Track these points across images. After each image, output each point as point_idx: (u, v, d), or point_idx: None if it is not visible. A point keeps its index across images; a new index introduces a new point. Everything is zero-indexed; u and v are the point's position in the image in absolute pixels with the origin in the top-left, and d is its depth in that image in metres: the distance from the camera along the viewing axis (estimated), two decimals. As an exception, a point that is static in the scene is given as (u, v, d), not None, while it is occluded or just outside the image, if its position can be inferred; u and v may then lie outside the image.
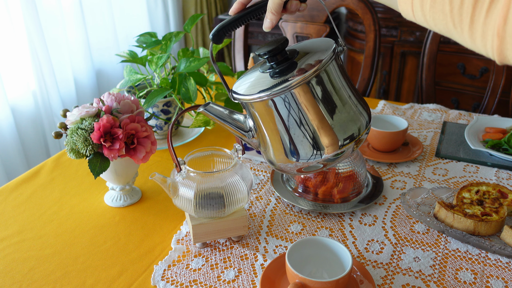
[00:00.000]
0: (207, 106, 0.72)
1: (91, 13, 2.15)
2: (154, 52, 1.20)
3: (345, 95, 0.66)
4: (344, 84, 0.66)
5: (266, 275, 0.75)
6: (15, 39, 1.76)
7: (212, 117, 0.72)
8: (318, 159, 0.66)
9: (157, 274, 0.79)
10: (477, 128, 1.22)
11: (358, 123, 0.67)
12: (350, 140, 0.66)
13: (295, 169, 0.70)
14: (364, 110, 0.68)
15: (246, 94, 0.66)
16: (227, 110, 0.72)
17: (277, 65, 0.67)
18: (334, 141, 0.65)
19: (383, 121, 1.16)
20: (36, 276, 0.79)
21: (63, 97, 2.03)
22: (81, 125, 0.86)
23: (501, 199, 0.91)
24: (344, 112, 0.66)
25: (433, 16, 0.52)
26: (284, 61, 0.66)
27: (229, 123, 0.72)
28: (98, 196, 1.00)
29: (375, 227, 0.90)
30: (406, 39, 2.35)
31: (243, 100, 0.67)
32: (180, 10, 2.85)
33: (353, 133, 0.66)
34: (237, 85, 0.70)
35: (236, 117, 0.72)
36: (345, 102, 0.66)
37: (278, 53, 0.66)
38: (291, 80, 0.62)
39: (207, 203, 0.80)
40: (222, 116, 0.72)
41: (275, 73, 0.66)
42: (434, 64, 1.57)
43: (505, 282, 0.77)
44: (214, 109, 0.72)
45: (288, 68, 0.65)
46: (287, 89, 0.63)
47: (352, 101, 0.67)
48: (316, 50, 0.66)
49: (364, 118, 0.68)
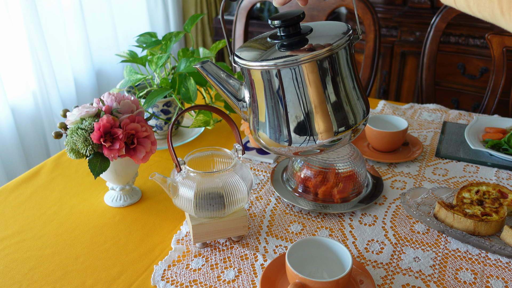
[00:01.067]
0: (205, 63, 0.69)
1: (91, 13, 2.15)
2: (154, 52, 1.20)
3: (350, 85, 0.65)
4: (352, 73, 0.65)
5: (266, 275, 0.75)
6: (15, 39, 1.76)
7: (207, 77, 0.69)
8: (312, 144, 0.64)
9: (157, 274, 0.79)
10: (477, 128, 1.22)
11: (356, 113, 0.65)
12: (346, 128, 0.64)
13: (287, 152, 0.67)
14: (364, 103, 0.67)
15: (249, 60, 0.64)
16: (224, 72, 0.69)
17: (287, 37, 0.64)
18: (329, 127, 0.63)
19: (383, 121, 1.16)
20: (36, 276, 0.79)
21: (63, 97, 2.03)
22: (81, 125, 0.86)
23: (501, 199, 0.91)
24: (346, 100, 0.64)
25: (478, 3, 0.51)
26: (296, 35, 0.64)
27: (223, 87, 0.69)
28: (98, 196, 1.00)
29: (375, 227, 0.90)
30: (406, 39, 2.35)
31: (245, 65, 0.64)
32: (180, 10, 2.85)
33: (350, 122, 0.65)
34: (241, 49, 0.67)
35: (232, 82, 0.69)
36: (348, 92, 0.64)
37: (292, 25, 0.64)
38: (299, 54, 0.60)
39: (207, 203, 0.80)
40: (218, 77, 0.69)
41: (283, 45, 0.63)
42: (434, 64, 1.57)
43: (505, 282, 0.77)
44: (211, 68, 0.69)
45: (298, 42, 0.63)
46: (296, 63, 0.60)
47: (355, 92, 0.65)
48: (331, 32, 0.64)
49: (363, 109, 0.67)
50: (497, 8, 0.50)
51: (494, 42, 1.45)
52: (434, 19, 1.54)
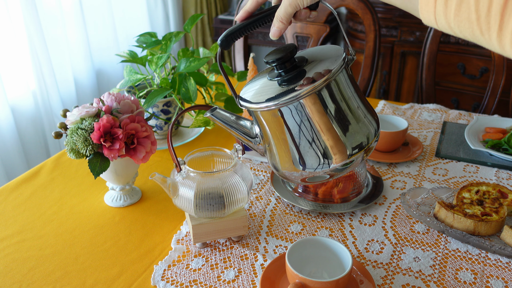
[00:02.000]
0: (214, 111, 0.71)
1: (91, 13, 2.15)
2: (154, 52, 1.20)
3: (354, 105, 0.65)
4: (353, 93, 0.66)
5: (266, 275, 0.75)
6: (15, 39, 1.76)
7: (218, 122, 0.72)
8: (325, 169, 0.66)
9: (157, 274, 0.79)
10: (477, 128, 1.22)
11: (366, 132, 0.66)
12: (359, 149, 0.65)
13: (299, 178, 0.69)
14: (373, 118, 0.68)
15: (253, 102, 0.65)
16: (233, 115, 0.72)
17: (285, 73, 0.65)
18: (342, 150, 0.64)
19: (383, 121, 1.16)
20: (36, 276, 0.79)
21: (63, 97, 2.03)
22: (81, 125, 0.86)
23: (501, 199, 0.91)
24: (353, 122, 0.65)
25: (458, 24, 0.52)
26: (293, 69, 0.65)
27: (236, 129, 0.72)
28: (98, 196, 1.00)
29: (375, 227, 0.90)
30: (406, 39, 2.35)
31: (250, 108, 0.66)
32: (180, 10, 2.85)
33: (362, 142, 0.65)
34: (244, 91, 0.69)
35: (243, 123, 0.72)
36: (354, 112, 0.65)
37: (287, 61, 0.65)
38: (300, 90, 0.61)
39: (207, 203, 0.80)
40: (229, 122, 0.72)
41: (283, 81, 0.65)
42: (434, 64, 1.57)
43: (505, 282, 0.77)
44: (221, 115, 0.72)
45: (297, 76, 0.64)
46: (296, 99, 0.62)
47: (361, 110, 0.66)
48: (326, 58, 0.65)
49: (373, 126, 0.67)
50: (476, 29, 0.50)
51: (494, 42, 1.45)
52: (434, 19, 1.54)
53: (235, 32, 0.67)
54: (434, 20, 0.54)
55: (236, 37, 0.68)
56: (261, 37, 2.78)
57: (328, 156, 0.65)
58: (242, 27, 0.67)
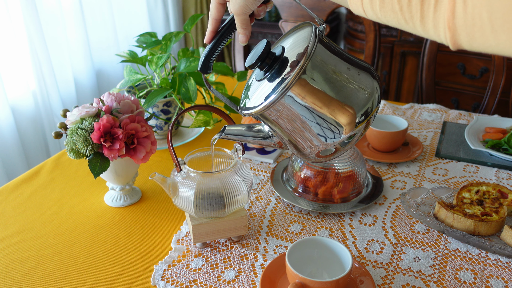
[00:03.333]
0: (224, 131, 0.74)
1: (91, 13, 2.15)
2: (154, 52, 1.20)
3: (344, 68, 0.66)
4: (338, 58, 0.66)
5: (266, 275, 0.75)
6: (15, 39, 1.76)
7: (232, 138, 0.75)
8: (337, 139, 0.67)
9: (157, 274, 0.79)
10: (477, 128, 1.22)
11: (364, 88, 0.67)
12: (364, 103, 0.66)
13: (314, 154, 0.71)
14: (367, 73, 0.68)
15: (253, 107, 0.67)
16: (244, 126, 0.75)
17: (270, 68, 0.67)
18: (348, 114, 0.65)
19: (383, 121, 1.16)
20: (36, 276, 0.79)
21: (63, 97, 2.02)
22: (81, 125, 0.86)
23: (501, 199, 0.91)
24: (350, 82, 0.66)
25: (384, 14, 0.56)
26: (275, 62, 0.67)
27: (250, 137, 0.75)
28: (98, 196, 1.00)
29: (375, 227, 0.90)
30: (406, 39, 2.35)
31: (253, 113, 0.68)
32: (180, 10, 2.85)
33: (363, 99, 0.66)
34: (242, 102, 0.72)
35: (255, 129, 0.75)
36: (347, 74, 0.66)
37: (266, 58, 0.67)
38: (289, 76, 0.63)
39: (207, 203, 0.80)
40: (241, 134, 0.75)
41: (271, 76, 0.66)
42: (434, 64, 1.57)
43: (505, 282, 0.77)
44: (232, 130, 0.75)
45: (281, 67, 0.65)
46: (288, 87, 0.63)
47: (353, 70, 0.67)
48: (300, 39, 0.67)
49: (370, 79, 0.68)
50: (401, 18, 0.54)
51: (494, 42, 1.45)
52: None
53: (209, 54, 0.72)
54: (363, 11, 0.58)
55: (211, 58, 0.72)
56: (261, 37, 2.78)
57: (337, 127, 0.66)
58: (213, 47, 0.72)
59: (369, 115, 0.67)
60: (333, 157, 0.72)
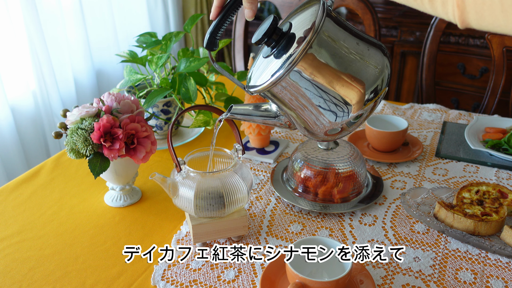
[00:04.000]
0: (231, 110, 0.73)
1: (91, 13, 2.15)
2: (154, 52, 1.20)
3: (353, 43, 0.65)
4: (347, 33, 0.65)
5: (266, 275, 0.75)
6: (15, 39, 1.76)
7: (239, 117, 0.73)
8: (345, 118, 0.66)
9: (157, 274, 0.79)
10: (477, 128, 1.22)
11: (374, 62, 0.66)
12: (374, 78, 0.65)
13: (322, 133, 0.70)
14: (376, 48, 0.67)
15: (260, 84, 0.66)
16: (250, 105, 0.73)
17: (276, 44, 0.66)
18: (360, 95, 0.64)
19: (383, 121, 1.16)
20: (36, 276, 0.79)
21: (63, 97, 2.02)
22: (81, 125, 0.86)
23: (501, 199, 0.91)
24: (359, 58, 0.65)
25: None
26: (282, 38, 0.66)
27: (257, 116, 0.73)
28: (98, 196, 1.00)
29: (375, 227, 0.90)
30: (406, 39, 2.35)
31: (260, 90, 0.66)
32: (180, 10, 2.85)
33: (374, 73, 0.66)
34: (249, 80, 0.71)
35: (262, 107, 0.73)
36: (355, 50, 0.65)
37: (273, 33, 0.65)
38: (296, 52, 0.62)
39: (207, 203, 0.80)
40: (249, 113, 0.73)
41: (278, 53, 0.65)
42: (434, 64, 1.57)
43: (505, 282, 0.77)
44: (239, 109, 0.73)
45: (288, 43, 0.64)
46: (295, 62, 0.62)
47: (362, 45, 0.66)
48: (308, 15, 0.66)
49: (379, 54, 0.66)
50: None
51: (494, 42, 1.45)
52: (434, 19, 1.54)
53: (215, 30, 0.70)
54: None
55: (217, 34, 0.70)
56: (261, 37, 2.77)
57: (346, 103, 0.65)
58: (219, 22, 0.70)
59: (379, 93, 0.65)
60: (339, 136, 0.70)
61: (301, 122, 0.70)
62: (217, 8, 0.70)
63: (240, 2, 0.70)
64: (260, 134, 1.12)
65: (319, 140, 0.75)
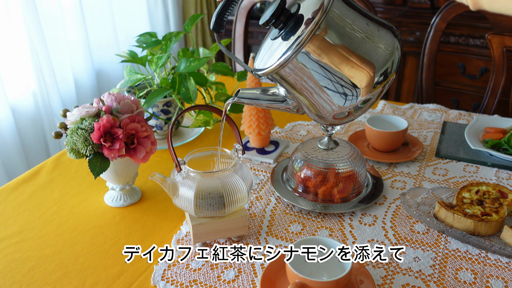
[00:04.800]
0: (238, 94, 0.71)
1: (91, 13, 2.15)
2: (154, 52, 1.20)
3: (363, 24, 0.63)
4: (356, 14, 0.64)
5: (266, 275, 0.75)
6: (15, 39, 1.76)
7: (247, 102, 0.72)
8: (354, 101, 0.65)
9: (157, 274, 0.79)
10: (477, 128, 1.22)
11: (384, 44, 0.64)
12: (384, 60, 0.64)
13: (331, 116, 0.69)
14: (387, 30, 0.65)
15: (267, 67, 0.64)
16: (258, 89, 0.72)
17: (284, 26, 0.64)
18: (369, 76, 0.63)
19: (383, 121, 1.16)
20: (36, 276, 0.79)
21: (63, 97, 2.02)
22: (81, 125, 0.86)
23: (501, 199, 0.91)
24: (369, 42, 0.63)
25: None
26: (289, 19, 0.64)
27: (265, 100, 0.72)
28: (98, 196, 1.00)
29: (375, 227, 0.90)
30: (406, 39, 2.35)
31: (268, 72, 0.65)
32: (180, 10, 2.85)
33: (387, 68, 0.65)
34: (256, 63, 0.69)
35: (270, 92, 0.72)
36: (365, 31, 0.63)
37: (281, 14, 0.64)
38: (304, 33, 0.60)
39: (207, 203, 0.80)
40: (256, 97, 0.72)
41: (286, 34, 0.63)
42: (434, 64, 1.57)
43: (505, 282, 0.77)
44: (247, 94, 0.72)
45: (296, 24, 0.63)
46: (302, 44, 0.61)
47: (373, 26, 0.64)
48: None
49: (389, 35, 0.65)
50: None
51: (494, 42, 1.45)
52: (434, 19, 1.54)
53: (222, 11, 0.69)
54: None
55: (224, 16, 0.69)
56: (261, 37, 2.78)
57: (355, 85, 0.64)
58: (225, 4, 0.69)
59: (388, 76, 0.64)
60: (345, 120, 0.69)
61: (310, 105, 0.68)
62: None
63: None
64: (260, 134, 1.12)
65: (327, 123, 0.73)
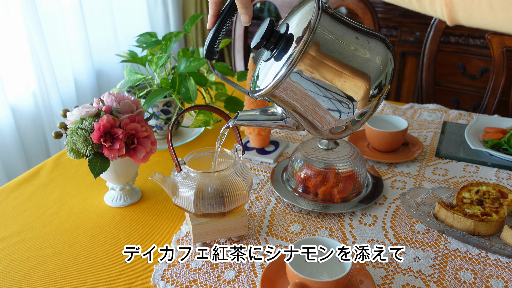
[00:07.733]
0: (237, 116, 0.73)
1: (91, 13, 2.15)
2: (154, 52, 1.20)
3: (352, 37, 0.64)
4: (345, 28, 0.65)
5: (266, 275, 0.75)
6: (15, 39, 1.76)
7: (246, 123, 0.73)
8: (350, 115, 0.66)
9: (157, 274, 0.79)
10: (477, 128, 1.22)
11: (376, 56, 0.65)
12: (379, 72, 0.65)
13: (327, 131, 0.70)
14: (377, 40, 0.66)
15: (262, 88, 0.66)
16: (257, 110, 0.74)
17: (275, 47, 0.66)
18: (364, 90, 0.64)
19: (383, 121, 1.16)
20: (36, 276, 0.79)
21: (63, 97, 2.02)
22: (81, 125, 0.86)
23: (501, 199, 0.91)
24: (359, 53, 0.64)
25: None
26: (280, 40, 0.66)
27: (264, 120, 0.73)
28: (98, 196, 1.00)
29: (375, 227, 0.90)
30: (406, 39, 2.35)
31: (263, 94, 0.66)
32: (180, 10, 2.85)
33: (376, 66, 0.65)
34: (252, 85, 0.71)
35: (269, 111, 0.73)
36: (357, 47, 0.64)
37: (271, 36, 0.65)
38: (295, 51, 0.61)
39: (207, 203, 0.80)
40: (255, 118, 0.73)
41: (278, 55, 0.65)
42: (434, 64, 1.57)
43: (505, 282, 0.77)
44: (246, 116, 0.74)
45: (287, 44, 0.64)
46: (294, 64, 0.62)
47: (362, 39, 0.65)
48: (304, 14, 0.65)
49: (380, 47, 0.65)
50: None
51: (494, 42, 1.45)
52: (434, 19, 1.54)
53: (213, 39, 0.71)
54: None
55: (216, 43, 0.71)
56: (261, 37, 2.78)
57: (351, 99, 0.65)
58: (216, 31, 0.70)
59: (383, 89, 0.65)
60: (343, 135, 0.70)
61: (307, 122, 0.70)
62: (213, 17, 0.70)
63: (235, 9, 0.70)
64: (260, 134, 1.12)
65: (324, 138, 0.75)
